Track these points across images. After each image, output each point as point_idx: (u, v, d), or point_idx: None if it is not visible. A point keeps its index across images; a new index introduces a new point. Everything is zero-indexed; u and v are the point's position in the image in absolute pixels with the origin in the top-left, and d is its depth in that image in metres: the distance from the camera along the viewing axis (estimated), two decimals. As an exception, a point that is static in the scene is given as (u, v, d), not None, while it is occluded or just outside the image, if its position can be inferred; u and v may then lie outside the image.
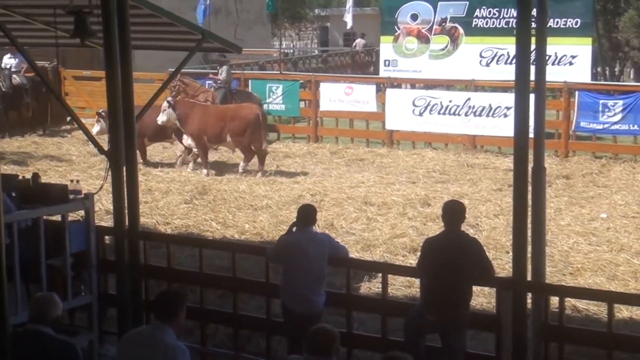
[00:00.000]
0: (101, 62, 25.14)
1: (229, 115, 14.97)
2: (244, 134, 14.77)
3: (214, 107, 15.82)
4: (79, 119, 8.12)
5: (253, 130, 14.78)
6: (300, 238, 6.73)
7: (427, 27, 18.80)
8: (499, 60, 18.15)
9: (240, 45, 9.43)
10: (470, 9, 18.35)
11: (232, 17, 29.33)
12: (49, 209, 7.32)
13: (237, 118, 14.86)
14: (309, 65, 26.89)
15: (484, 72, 18.09)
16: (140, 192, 7.76)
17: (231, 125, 14.79)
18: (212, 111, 15.29)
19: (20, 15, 8.48)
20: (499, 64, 18.15)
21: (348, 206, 12.23)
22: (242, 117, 14.87)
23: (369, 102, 17.86)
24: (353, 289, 7.52)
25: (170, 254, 7.73)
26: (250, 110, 15.12)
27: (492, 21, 18.27)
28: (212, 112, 15.24)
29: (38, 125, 18.85)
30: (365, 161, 16.09)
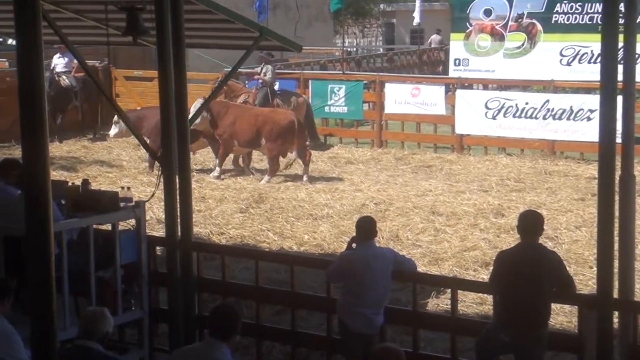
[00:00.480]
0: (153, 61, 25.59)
1: (262, 119, 14.92)
2: (277, 141, 14.71)
3: (247, 109, 15.85)
4: (130, 122, 8.22)
5: (286, 137, 14.70)
6: (363, 254, 6.69)
7: (502, 23, 18.60)
8: (582, 59, 17.86)
9: (300, 43, 9.46)
10: (550, 3, 18.11)
11: (291, 13, 29.55)
12: (99, 217, 7.41)
13: (269, 123, 14.82)
14: (373, 64, 26.86)
15: (565, 71, 17.82)
16: (194, 200, 7.82)
17: (264, 130, 14.76)
18: (246, 113, 15.27)
19: (70, 12, 8.63)
20: (581, 63, 17.87)
21: (414, 216, 12.15)
22: (275, 121, 14.83)
23: (437, 104, 17.74)
24: (420, 306, 7.46)
25: (224, 266, 7.77)
26: (284, 116, 15.06)
27: (574, 17, 18.00)
28: (246, 114, 15.22)
29: (88, 128, 19.15)
30: (433, 168, 15.98)
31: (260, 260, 7.73)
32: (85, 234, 7.28)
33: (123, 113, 8.11)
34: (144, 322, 7.66)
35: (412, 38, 36.79)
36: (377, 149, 17.85)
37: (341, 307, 6.80)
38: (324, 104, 18.58)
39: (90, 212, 7.34)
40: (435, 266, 10.17)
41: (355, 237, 6.85)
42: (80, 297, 7.36)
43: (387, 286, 6.77)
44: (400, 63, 27.69)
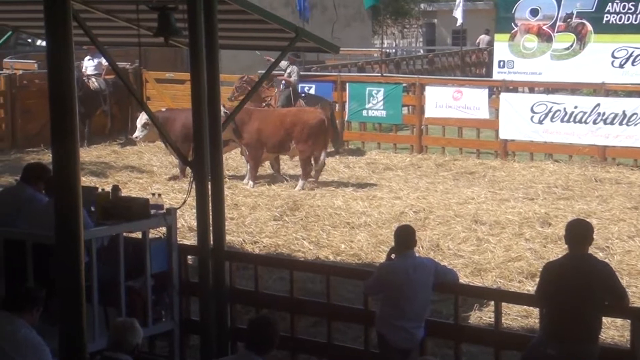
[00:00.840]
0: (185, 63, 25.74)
1: (290, 120, 14.89)
2: (308, 142, 14.73)
3: (272, 112, 15.84)
4: (161, 127, 8.29)
5: (317, 137, 14.75)
6: (403, 264, 6.68)
7: (550, 23, 18.47)
8: (635, 61, 17.67)
9: (337, 44, 9.49)
10: (601, 3, 17.95)
11: (328, 13, 29.63)
12: (129, 225, 7.47)
13: (299, 123, 14.80)
14: (413, 66, 26.79)
15: (617, 74, 17.64)
16: (226, 208, 7.87)
17: (294, 131, 14.74)
18: (270, 116, 15.25)
19: (101, 12, 8.73)
20: (634, 65, 17.68)
21: (456, 225, 12.10)
22: (305, 121, 14.84)
23: (480, 108, 17.66)
24: (462, 319, 7.42)
25: (258, 277, 7.79)
26: (314, 115, 15.10)
27: (626, 17, 17.82)
28: (271, 117, 15.20)
29: (119, 132, 19.29)
30: (476, 174, 15.90)
31: (295, 270, 7.75)
32: (115, 242, 7.35)
33: (154, 117, 8.18)
34: (175, 334, 7.71)
35: (454, 39, 36.67)
36: (417, 154, 17.80)
37: (380, 320, 6.80)
38: (361, 108, 18.57)
39: (120, 220, 7.41)
40: (478, 277, 10.12)
41: (394, 247, 6.84)
42: (109, 307, 7.42)
43: (428, 298, 6.76)
44: (442, 65, 27.58)
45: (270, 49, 9.19)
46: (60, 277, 5.36)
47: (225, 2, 7.46)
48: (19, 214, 7.62)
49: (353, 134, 19.08)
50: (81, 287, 5.24)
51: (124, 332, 5.54)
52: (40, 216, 7.32)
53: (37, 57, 23.13)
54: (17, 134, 18.63)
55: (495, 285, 9.76)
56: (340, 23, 30.22)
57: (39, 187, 7.90)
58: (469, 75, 26.18)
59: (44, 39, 12.16)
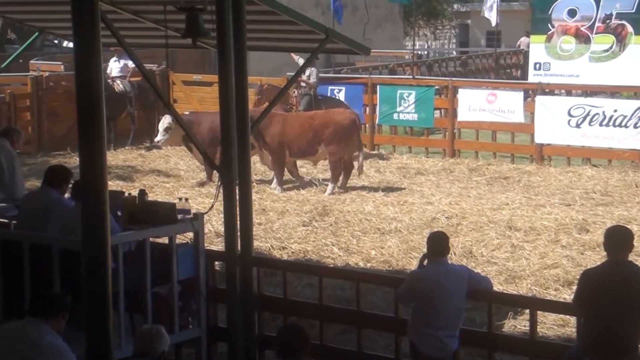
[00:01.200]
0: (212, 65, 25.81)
1: (319, 121, 14.79)
2: (340, 143, 14.67)
3: (296, 115, 15.78)
4: (189, 129, 8.33)
5: (350, 138, 14.72)
6: (436, 272, 6.66)
7: (588, 24, 18.34)
8: (677, 63, 17.52)
9: (368, 45, 9.48)
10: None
11: (359, 13, 29.64)
12: (156, 230, 7.51)
13: (330, 124, 14.73)
14: (445, 68, 26.75)
15: (658, 76, 17.48)
16: (254, 213, 7.89)
17: (324, 133, 14.69)
18: (294, 120, 15.17)
19: (128, 12, 8.79)
20: (676, 67, 17.52)
21: (489, 231, 12.04)
22: (337, 122, 14.78)
23: (515, 111, 17.57)
24: (496, 327, 7.39)
25: (286, 283, 7.80)
26: (345, 115, 15.07)
27: (668, 18, 17.69)
28: (295, 120, 15.11)
29: (146, 135, 19.36)
30: (510, 179, 15.82)
31: (325, 277, 7.75)
32: (141, 248, 7.39)
33: (181, 120, 8.22)
34: (202, 341, 7.74)
35: (489, 40, 36.54)
36: (449, 159, 17.74)
37: (412, 328, 6.78)
38: (392, 111, 18.55)
39: (147, 225, 7.45)
40: (512, 285, 10.07)
41: (426, 253, 6.83)
42: (135, 314, 7.46)
43: (461, 306, 6.74)
44: (475, 67, 27.50)
45: (299, 51, 9.20)
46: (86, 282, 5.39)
47: (254, 2, 7.48)
48: (45, 218, 7.69)
49: (383, 137, 19.06)
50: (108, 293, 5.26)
51: (151, 339, 5.57)
52: (66, 221, 7.38)
53: (63, 59, 23.33)
54: (43, 137, 18.74)
55: (530, 293, 9.71)
56: (371, 24, 30.22)
57: (63, 189, 7.97)
58: (504, 78, 26.06)
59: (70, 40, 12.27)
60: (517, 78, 26.57)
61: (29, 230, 7.61)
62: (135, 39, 9.75)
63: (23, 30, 30.38)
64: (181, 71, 21.37)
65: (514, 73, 28.93)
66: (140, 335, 5.72)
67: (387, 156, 18.05)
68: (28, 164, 16.74)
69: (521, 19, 31.73)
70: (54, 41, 36.37)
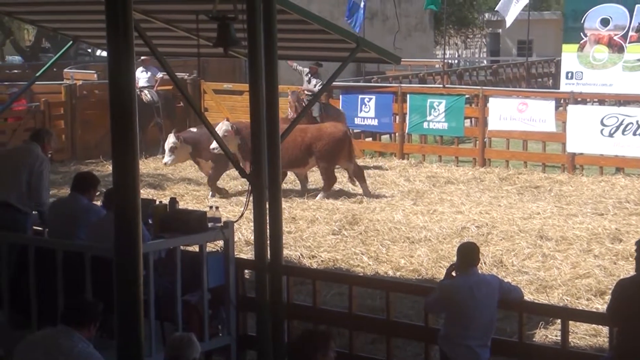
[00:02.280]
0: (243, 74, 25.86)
1: (311, 135, 14.97)
2: (332, 156, 14.94)
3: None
4: (220, 138, 8.35)
5: (342, 150, 15.02)
6: (467, 283, 6.63)
7: (621, 33, 18.22)
8: None
9: (398, 54, 9.47)
10: (676, 13, 17.69)
11: (389, 22, 29.64)
12: (186, 238, 7.54)
13: (323, 137, 14.96)
14: (476, 77, 26.66)
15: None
16: (284, 221, 7.89)
17: (316, 146, 14.87)
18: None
19: (161, 21, 8.85)
20: None
21: (520, 240, 11.97)
22: (329, 135, 15.04)
23: (546, 120, 17.48)
24: (527, 337, 7.33)
25: (316, 292, 7.80)
26: (337, 128, 15.36)
27: (702, 27, 17.53)
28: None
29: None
30: (541, 189, 15.73)
31: (354, 286, 7.74)
32: (171, 256, 7.42)
33: (212, 127, 8.25)
34: (232, 349, 7.76)
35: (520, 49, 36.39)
36: (479, 168, 17.67)
37: (443, 339, 6.75)
38: (422, 120, 18.51)
39: (178, 233, 7.49)
40: (544, 294, 10.01)
41: (456, 264, 6.80)
42: (166, 321, 7.49)
43: (493, 316, 6.71)
44: (506, 76, 27.38)
45: (330, 60, 9.17)
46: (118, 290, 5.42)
47: (285, 11, 7.50)
48: (75, 225, 7.73)
49: (413, 146, 19.03)
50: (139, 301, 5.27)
51: (182, 346, 5.58)
52: (98, 228, 7.43)
53: (96, 67, 23.54)
54: (76, 145, 18.91)
55: (561, 302, 9.66)
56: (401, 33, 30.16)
57: (91, 195, 8.01)
58: (535, 87, 25.93)
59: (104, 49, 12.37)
60: (548, 87, 26.42)
61: (60, 238, 7.67)
62: (167, 47, 9.80)
63: (57, 39, 30.71)
64: (212, 80, 21.48)
65: (545, 82, 28.77)
66: (171, 342, 5.73)
67: (417, 165, 18.01)
68: (61, 171, 16.88)
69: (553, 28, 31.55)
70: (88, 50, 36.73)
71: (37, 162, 8.30)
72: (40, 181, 8.30)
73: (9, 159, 8.64)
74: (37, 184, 8.28)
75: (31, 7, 10.04)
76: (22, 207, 8.25)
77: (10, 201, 8.21)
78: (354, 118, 19.05)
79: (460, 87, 20.67)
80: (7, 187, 8.27)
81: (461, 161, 18.32)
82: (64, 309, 5.94)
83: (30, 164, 8.28)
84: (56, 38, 30.71)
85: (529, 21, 24.35)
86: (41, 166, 8.31)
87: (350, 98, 19.09)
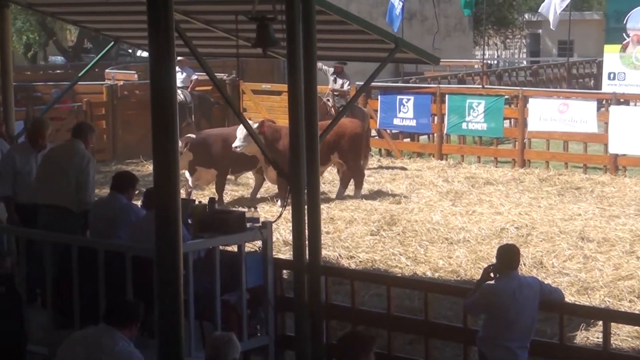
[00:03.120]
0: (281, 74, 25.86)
1: (333, 132, 14.60)
2: (357, 151, 14.99)
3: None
4: (259, 139, 8.37)
5: (362, 146, 15.18)
6: (509, 286, 6.59)
7: (665, 34, 18.03)
8: None
9: (437, 55, 9.43)
10: None
11: (428, 23, 29.53)
12: (225, 238, 7.56)
13: (345, 134, 14.87)
14: (515, 78, 26.45)
15: None
16: (322, 221, 7.88)
17: (340, 143, 14.79)
18: None
19: (200, 22, 8.89)
20: None
21: (560, 242, 11.87)
22: (351, 131, 15.01)
23: (587, 121, 17.30)
24: (567, 339, 7.27)
25: (354, 292, 7.78)
26: (356, 124, 15.40)
27: None
28: None
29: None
30: (582, 190, 15.58)
31: (392, 286, 7.72)
32: (210, 256, 7.45)
33: (251, 128, 8.28)
34: (270, 349, 7.77)
35: (561, 50, 36.07)
36: (519, 168, 17.54)
37: (482, 340, 6.71)
38: (461, 121, 18.42)
39: (217, 233, 7.51)
40: (585, 296, 9.93)
41: (496, 265, 6.75)
42: (205, 321, 7.52)
43: (534, 318, 6.67)
44: (547, 77, 27.13)
45: (368, 60, 9.15)
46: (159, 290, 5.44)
47: (324, 12, 7.49)
48: (115, 224, 7.77)
49: (452, 147, 18.94)
50: (180, 300, 5.29)
51: (222, 346, 5.60)
52: (138, 228, 7.47)
53: (137, 68, 23.71)
54: (117, 145, 19.05)
55: (603, 304, 9.56)
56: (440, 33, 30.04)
57: (129, 194, 8.04)
58: (576, 88, 25.69)
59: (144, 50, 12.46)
60: (590, 88, 26.16)
61: (100, 237, 7.72)
62: (206, 48, 9.85)
63: (99, 39, 31.00)
64: (251, 80, 21.53)
65: (587, 83, 28.48)
66: (211, 342, 5.75)
67: (455, 166, 17.92)
68: (103, 171, 16.99)
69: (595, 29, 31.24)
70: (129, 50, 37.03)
71: (83, 161, 8.30)
72: (86, 180, 8.31)
73: (54, 160, 8.57)
74: (84, 183, 8.29)
75: (74, 8, 10.15)
76: (72, 208, 8.27)
77: (60, 203, 8.23)
78: (392, 119, 19.00)
79: (499, 88, 20.52)
80: (55, 189, 8.27)
81: (500, 162, 18.20)
82: (106, 309, 5.99)
83: (76, 163, 8.28)
84: (98, 38, 30.98)
85: (570, 21, 24.10)
86: (88, 165, 8.32)
87: (388, 99, 19.03)
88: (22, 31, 31.69)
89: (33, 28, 31.96)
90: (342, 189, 15.15)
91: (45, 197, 8.34)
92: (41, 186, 8.45)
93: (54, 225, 8.13)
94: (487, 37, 35.32)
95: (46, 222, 8.28)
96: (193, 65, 19.02)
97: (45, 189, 8.37)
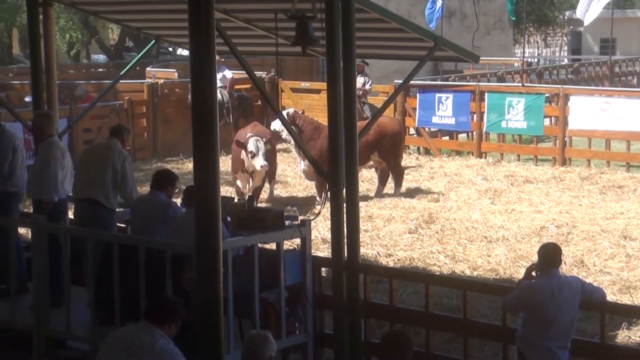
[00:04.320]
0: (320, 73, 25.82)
1: (373, 131, 14.32)
2: (397, 149, 15.05)
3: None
4: (297, 136, 8.38)
5: (401, 145, 15.32)
6: (549, 284, 6.53)
7: None
8: None
9: (477, 53, 9.37)
10: None
11: (467, 21, 29.35)
12: (264, 236, 7.58)
13: (387, 133, 14.85)
14: (556, 76, 26.20)
15: None
16: (360, 219, 7.88)
17: (381, 142, 14.75)
18: None
19: (240, 20, 8.91)
20: None
21: (602, 241, 11.76)
22: (391, 130, 15.03)
23: (630, 119, 17.10)
24: (608, 338, 7.19)
25: (392, 290, 7.77)
26: (394, 123, 15.54)
27: None
28: None
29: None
30: (625, 188, 15.40)
31: (431, 285, 7.68)
32: (248, 254, 7.47)
33: (288, 123, 8.30)
34: (309, 347, 7.77)
35: (603, 48, 35.66)
36: (559, 167, 17.39)
37: (522, 339, 6.66)
38: (500, 119, 18.29)
39: (255, 231, 7.53)
40: (627, 295, 9.82)
41: (537, 264, 6.69)
42: (244, 319, 7.54)
43: (574, 318, 6.60)
44: (588, 75, 26.84)
45: (407, 58, 9.11)
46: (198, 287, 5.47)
47: (363, 10, 7.48)
48: (156, 221, 7.84)
49: (491, 145, 18.82)
50: (219, 298, 5.32)
51: (258, 344, 5.61)
52: (178, 226, 7.52)
53: (177, 66, 23.82)
54: (157, 143, 19.17)
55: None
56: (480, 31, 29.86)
57: (169, 192, 8.15)
58: (619, 86, 25.39)
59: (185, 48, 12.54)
60: (633, 86, 25.84)
61: (140, 234, 7.78)
62: (246, 46, 9.87)
63: (140, 38, 31.22)
64: (289, 78, 21.56)
65: (630, 81, 28.13)
66: (248, 340, 5.77)
67: (495, 164, 17.80)
68: (143, 169, 17.12)
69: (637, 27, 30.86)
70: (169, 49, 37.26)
71: (119, 158, 8.43)
72: (124, 177, 8.43)
73: (93, 156, 8.83)
74: (122, 180, 8.42)
75: (115, 7, 10.24)
76: (107, 204, 8.40)
77: (96, 197, 8.36)
78: (431, 117, 18.92)
79: (539, 86, 20.35)
80: (92, 184, 8.44)
81: (540, 160, 18.05)
82: (147, 307, 6.03)
83: (113, 159, 8.43)
84: (139, 37, 31.21)
85: (612, 19, 23.84)
86: (124, 162, 8.44)
87: (427, 97, 18.95)
88: (65, 30, 32.02)
89: (76, 27, 32.28)
90: (381, 187, 15.14)
91: (80, 192, 8.53)
92: (78, 181, 8.64)
93: (88, 219, 8.30)
94: (527, 35, 35.04)
95: (81, 216, 8.47)
96: (230, 63, 19.08)
97: (81, 184, 8.56)
